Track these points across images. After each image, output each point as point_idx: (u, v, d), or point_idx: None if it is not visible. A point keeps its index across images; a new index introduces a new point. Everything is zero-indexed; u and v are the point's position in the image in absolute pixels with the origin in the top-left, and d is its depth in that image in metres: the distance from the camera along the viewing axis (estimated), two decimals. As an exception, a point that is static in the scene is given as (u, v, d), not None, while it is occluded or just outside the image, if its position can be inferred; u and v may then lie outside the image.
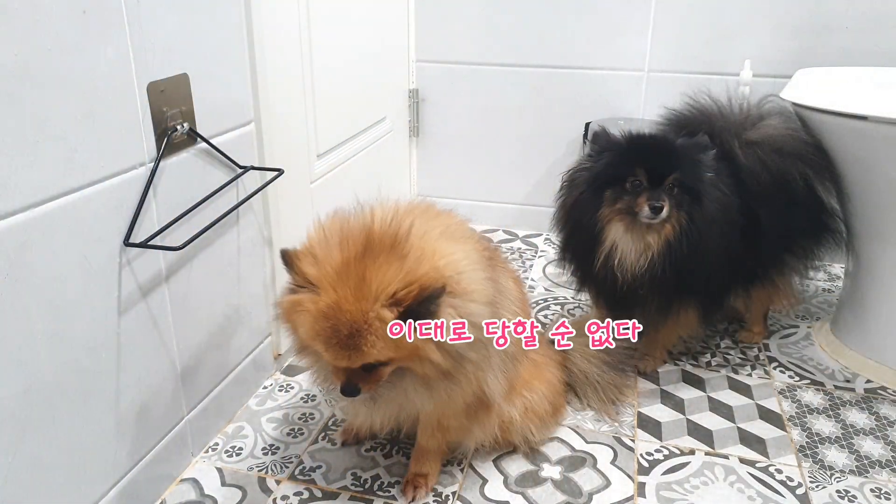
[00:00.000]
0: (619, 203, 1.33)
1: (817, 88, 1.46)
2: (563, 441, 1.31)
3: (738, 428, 1.35)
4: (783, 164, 1.43)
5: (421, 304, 0.90)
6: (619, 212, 1.34)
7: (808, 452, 1.28)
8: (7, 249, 0.80)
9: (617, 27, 2.06)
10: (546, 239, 2.28)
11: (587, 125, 2.12)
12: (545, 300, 1.87)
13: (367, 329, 0.89)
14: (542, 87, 2.19)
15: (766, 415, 1.39)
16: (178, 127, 1.09)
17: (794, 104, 1.49)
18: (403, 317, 0.90)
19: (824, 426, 1.36)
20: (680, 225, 1.33)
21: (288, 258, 0.96)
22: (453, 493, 1.18)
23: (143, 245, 1.00)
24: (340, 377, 0.97)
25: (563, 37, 2.11)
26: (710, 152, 1.35)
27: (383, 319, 0.89)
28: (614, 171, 1.34)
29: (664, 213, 1.30)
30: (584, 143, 2.13)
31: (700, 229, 1.32)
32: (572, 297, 1.87)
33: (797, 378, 1.52)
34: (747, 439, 1.32)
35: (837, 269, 2.01)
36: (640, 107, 2.14)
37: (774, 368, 1.55)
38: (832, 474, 1.23)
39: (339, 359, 0.93)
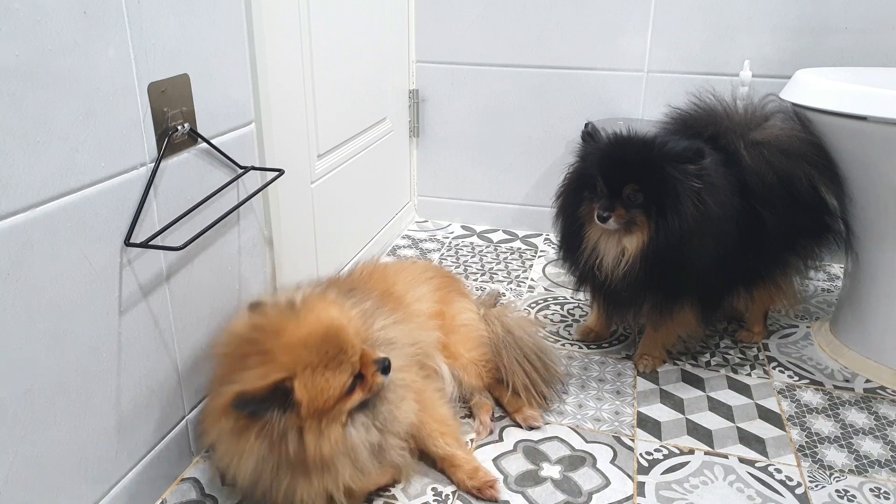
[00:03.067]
0: (593, 204, 1.35)
1: (817, 89, 1.46)
2: (562, 440, 1.31)
3: (738, 427, 1.35)
4: (788, 165, 1.43)
5: None
6: (593, 211, 1.35)
7: (808, 452, 1.29)
8: (8, 249, 0.81)
9: (617, 28, 2.07)
10: (546, 239, 2.28)
11: (587, 125, 2.12)
12: (545, 300, 1.88)
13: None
14: (542, 88, 2.19)
15: (766, 414, 1.39)
16: (179, 127, 1.09)
17: (794, 104, 1.49)
18: None
19: (823, 426, 1.36)
20: (650, 233, 1.33)
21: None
22: (453, 493, 1.18)
23: (144, 245, 1.01)
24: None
25: (563, 37, 2.12)
26: (703, 161, 1.31)
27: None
28: (585, 176, 1.38)
29: (612, 223, 1.32)
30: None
31: (669, 239, 1.31)
32: (571, 297, 1.88)
33: (796, 378, 1.52)
34: (747, 439, 1.32)
35: (837, 269, 2.01)
36: (640, 107, 2.14)
37: (774, 368, 1.56)
38: (831, 474, 1.23)
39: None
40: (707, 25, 2.00)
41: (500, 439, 1.32)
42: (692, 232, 1.31)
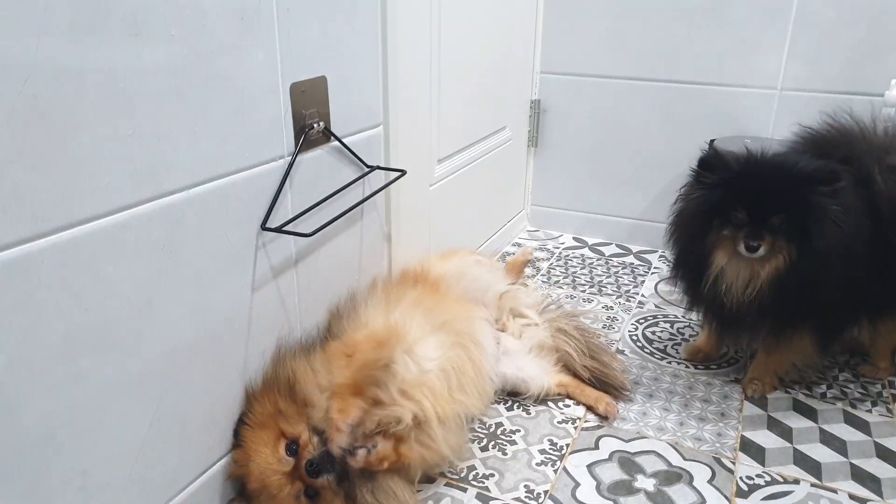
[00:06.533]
0: (726, 231, 1.31)
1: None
2: (659, 455, 1.30)
3: (851, 463, 1.29)
4: None
5: None
6: (725, 239, 1.32)
7: (929, 497, 1.21)
8: (167, 224, 0.92)
9: (750, 42, 2.01)
10: (661, 256, 2.24)
11: (712, 142, 2.07)
12: (654, 317, 1.85)
13: None
14: (667, 102, 2.16)
15: (885, 454, 1.32)
16: (315, 125, 1.19)
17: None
18: None
19: (950, 472, 1.27)
20: (790, 258, 1.28)
21: None
22: (545, 492, 1.21)
23: (278, 230, 1.11)
24: None
25: (692, 51, 2.09)
26: (837, 185, 1.26)
27: None
28: (720, 204, 1.31)
29: (761, 251, 1.27)
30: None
31: (810, 264, 1.27)
32: (682, 316, 1.84)
33: (924, 419, 1.42)
34: (860, 476, 1.26)
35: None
36: (770, 126, 2.07)
37: (899, 407, 1.47)
38: (954, 523, 1.15)
39: None
40: (851, 41, 1.90)
41: (596, 447, 1.33)
42: (834, 255, 1.27)
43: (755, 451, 1.32)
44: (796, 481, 1.24)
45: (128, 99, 0.84)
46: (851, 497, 1.21)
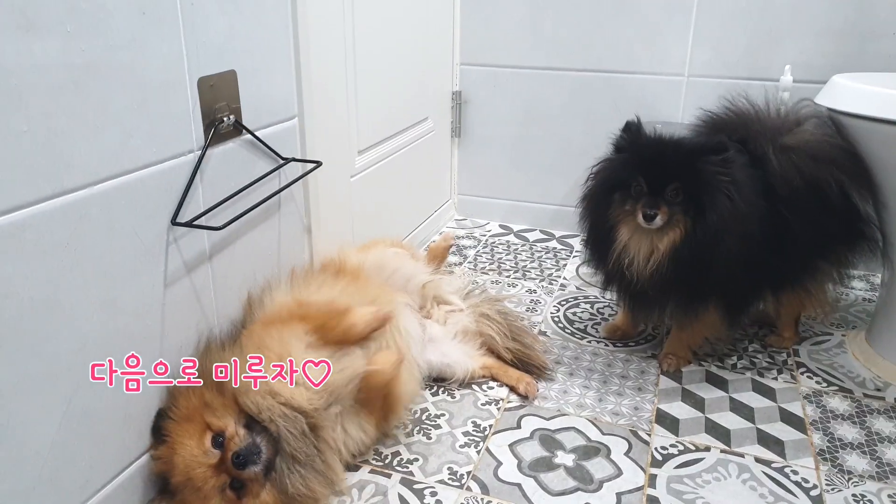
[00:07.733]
0: (627, 205, 1.37)
1: (853, 93, 1.45)
2: (579, 431, 1.35)
3: (758, 429, 1.36)
4: (817, 170, 1.43)
5: None
6: (627, 213, 1.38)
7: (828, 456, 1.29)
8: (70, 222, 0.90)
9: (658, 32, 2.09)
10: (583, 240, 2.30)
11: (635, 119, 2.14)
12: (575, 298, 1.91)
13: None
14: (583, 91, 2.22)
15: (788, 418, 1.40)
16: (225, 119, 1.18)
17: (830, 109, 1.49)
18: None
19: (848, 432, 1.36)
20: (685, 230, 1.35)
21: None
22: (468, 473, 1.23)
23: (188, 225, 1.09)
24: None
25: (605, 41, 2.15)
26: (725, 154, 1.34)
27: None
28: (620, 176, 1.39)
29: (658, 221, 1.34)
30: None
31: (706, 235, 1.33)
32: (601, 296, 1.90)
33: (825, 384, 1.52)
34: (766, 440, 1.33)
35: (879, 278, 1.98)
36: (680, 111, 2.16)
37: (802, 374, 1.55)
38: (850, 478, 1.23)
39: None
40: (749, 30, 2.00)
41: (518, 427, 1.36)
42: (726, 228, 1.34)
43: (670, 423, 1.38)
44: (707, 448, 1.31)
45: (20, 94, 0.82)
46: (757, 460, 1.28)
